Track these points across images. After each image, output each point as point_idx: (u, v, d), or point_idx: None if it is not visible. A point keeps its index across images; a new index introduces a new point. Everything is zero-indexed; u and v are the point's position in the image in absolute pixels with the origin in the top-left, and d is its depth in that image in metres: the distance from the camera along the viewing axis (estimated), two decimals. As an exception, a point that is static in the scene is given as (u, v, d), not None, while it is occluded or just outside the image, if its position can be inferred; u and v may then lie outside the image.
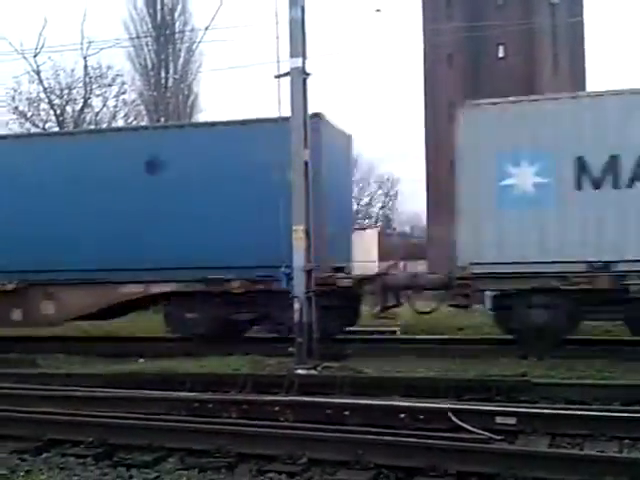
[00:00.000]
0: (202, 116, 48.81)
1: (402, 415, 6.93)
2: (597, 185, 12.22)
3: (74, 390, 8.39)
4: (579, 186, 12.28)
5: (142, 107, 46.37)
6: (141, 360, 12.67)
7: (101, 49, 43.91)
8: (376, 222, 61.98)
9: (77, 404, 7.71)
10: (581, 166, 12.23)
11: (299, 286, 11.65)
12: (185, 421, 6.87)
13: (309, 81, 12.23)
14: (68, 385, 8.83)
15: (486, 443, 6.08)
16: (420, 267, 33.52)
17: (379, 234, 41.78)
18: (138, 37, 46.37)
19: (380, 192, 68.24)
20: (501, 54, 40.46)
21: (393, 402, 7.58)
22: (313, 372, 10.55)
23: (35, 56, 40.21)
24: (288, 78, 12.11)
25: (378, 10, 23.01)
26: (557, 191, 12.33)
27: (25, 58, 40.03)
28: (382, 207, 68.82)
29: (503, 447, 5.96)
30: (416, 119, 75.32)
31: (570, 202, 12.28)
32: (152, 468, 5.90)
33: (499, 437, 6.36)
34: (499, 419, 6.77)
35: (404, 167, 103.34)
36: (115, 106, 44.44)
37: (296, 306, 11.57)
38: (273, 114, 12.28)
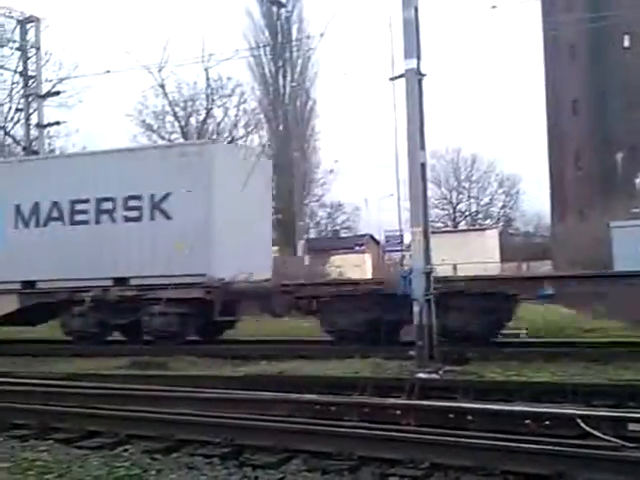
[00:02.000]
0: (319, 122, 49.54)
1: (527, 421, 6.74)
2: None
3: (201, 392, 8.66)
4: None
5: (262, 115, 47.54)
6: (263, 362, 12.95)
7: (221, 61, 45.48)
8: (497, 222, 60.63)
9: (204, 405, 7.95)
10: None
11: (419, 288, 11.57)
12: (308, 423, 6.95)
13: (424, 82, 12.15)
14: (196, 387, 9.12)
15: (617, 451, 5.81)
16: (545, 268, 32.54)
17: (500, 234, 40.85)
18: (257, 47, 47.52)
19: (501, 191, 66.76)
20: (627, 43, 38.62)
21: (518, 407, 7.39)
22: (434, 376, 10.44)
23: (160, 70, 42.07)
24: (403, 80, 12.07)
25: (494, 7, 22.55)
26: None
27: (150, 73, 41.95)
28: (503, 207, 67.30)
29: (636, 455, 5.68)
30: (537, 115, 72.99)
31: None
32: (277, 469, 6.00)
33: (632, 445, 6.06)
34: (632, 426, 6.46)
35: (525, 165, 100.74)
36: (236, 115, 45.88)
37: (416, 309, 11.49)
38: (389, 117, 12.34)
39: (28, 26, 26.08)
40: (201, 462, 6.27)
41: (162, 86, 43.39)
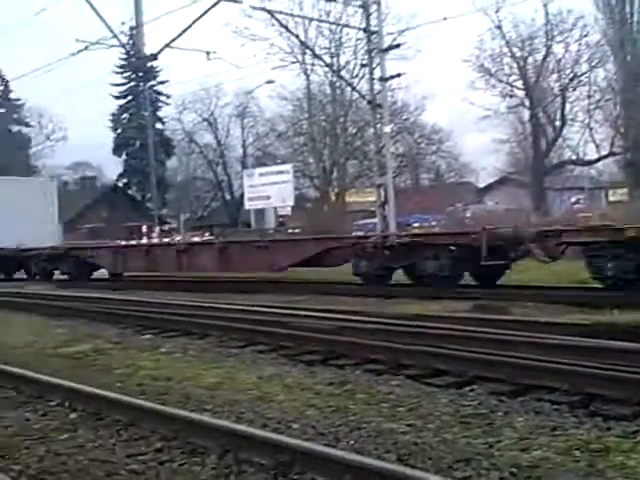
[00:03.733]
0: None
1: None
2: None
3: (547, 337, 8.46)
4: None
5: (607, 48, 44.32)
6: (615, 311, 12.24)
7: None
8: None
9: (550, 351, 7.76)
10: None
11: None
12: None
13: None
14: (544, 333, 8.92)
15: None
16: None
17: None
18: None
19: None
20: None
21: None
22: None
23: (497, 11, 41.33)
24: None
25: None
26: None
27: (487, 15, 41.38)
28: None
29: None
30: None
31: None
32: (632, 421, 5.68)
33: None
34: None
35: None
36: (578, 50, 43.37)
37: None
38: None
39: (369, -17, 27.21)
40: (548, 408, 6.17)
41: (499, 27, 42.69)
